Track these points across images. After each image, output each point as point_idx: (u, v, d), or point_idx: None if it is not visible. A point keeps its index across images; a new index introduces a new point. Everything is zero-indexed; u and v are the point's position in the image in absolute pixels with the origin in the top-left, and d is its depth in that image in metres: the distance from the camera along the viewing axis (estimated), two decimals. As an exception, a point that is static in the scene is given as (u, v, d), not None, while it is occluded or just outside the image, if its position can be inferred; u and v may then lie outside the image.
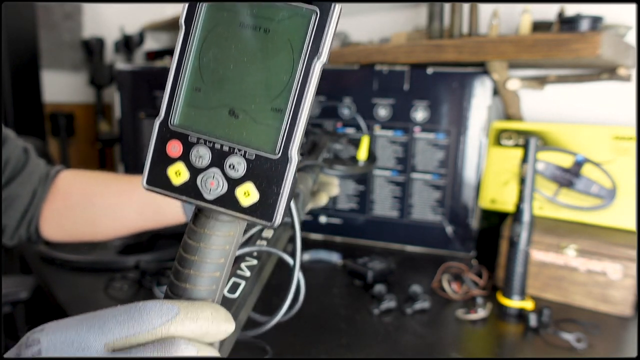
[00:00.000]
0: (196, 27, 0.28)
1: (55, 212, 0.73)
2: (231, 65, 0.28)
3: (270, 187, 0.28)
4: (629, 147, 0.91)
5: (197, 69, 0.29)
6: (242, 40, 0.28)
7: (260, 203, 0.28)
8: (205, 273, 0.30)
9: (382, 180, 1.14)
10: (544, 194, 0.98)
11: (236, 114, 0.28)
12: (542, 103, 1.13)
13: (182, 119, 0.29)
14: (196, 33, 0.28)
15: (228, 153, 0.29)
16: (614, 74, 0.96)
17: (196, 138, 0.29)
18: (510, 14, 1.09)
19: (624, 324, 0.80)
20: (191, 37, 0.29)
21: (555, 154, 0.98)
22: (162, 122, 0.29)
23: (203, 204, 0.29)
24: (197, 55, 0.29)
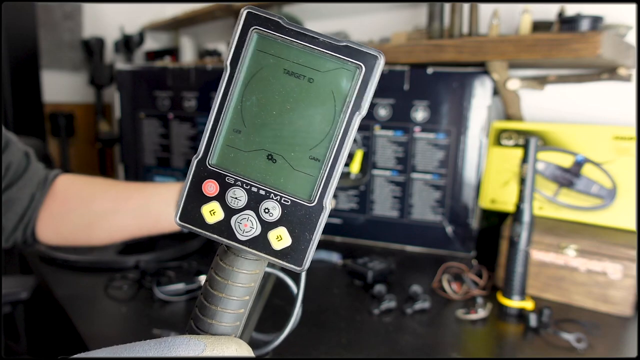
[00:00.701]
0: (241, 70, 0.29)
1: (51, 215, 0.73)
2: (273, 111, 0.29)
3: (303, 233, 0.29)
4: (629, 147, 0.91)
5: (239, 111, 0.29)
6: (285, 87, 0.28)
7: (292, 248, 0.29)
8: (230, 309, 0.30)
9: (382, 180, 1.14)
10: (544, 194, 0.98)
11: (274, 159, 0.29)
12: (542, 103, 1.13)
13: (221, 159, 0.29)
14: (241, 75, 0.29)
15: (264, 197, 0.29)
16: (614, 74, 0.96)
17: (233, 179, 0.29)
18: (510, 13, 1.09)
19: (624, 324, 0.80)
20: (235, 79, 0.29)
21: (555, 154, 0.98)
22: (200, 161, 0.30)
23: (235, 245, 0.30)
24: (240, 97, 0.29)
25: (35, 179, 0.72)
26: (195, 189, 0.30)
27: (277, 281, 0.49)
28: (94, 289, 0.88)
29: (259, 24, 0.28)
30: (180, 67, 1.32)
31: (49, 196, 0.73)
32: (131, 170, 1.40)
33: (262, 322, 0.77)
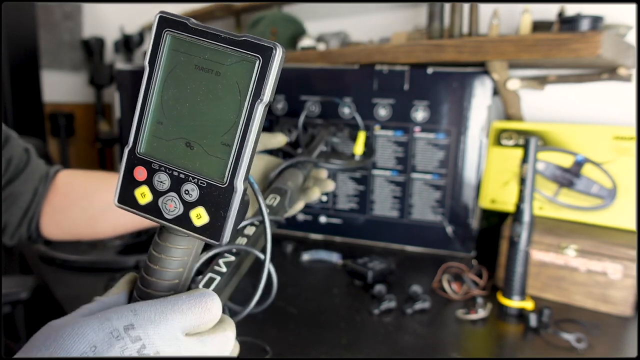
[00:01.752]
0: (159, 68, 0.33)
1: (55, 210, 0.73)
2: (187, 103, 0.32)
3: (219, 211, 0.33)
4: (629, 147, 0.91)
5: (159, 105, 0.33)
6: (197, 81, 0.32)
7: (210, 225, 0.33)
8: (166, 279, 0.35)
9: (382, 180, 1.14)
10: (544, 194, 0.98)
11: (192, 146, 0.33)
12: (542, 103, 1.12)
13: (147, 147, 0.34)
14: (159, 73, 0.33)
15: (184, 180, 0.33)
16: (614, 74, 0.96)
17: (158, 165, 0.33)
18: (510, 13, 1.09)
19: (624, 324, 0.80)
20: (154, 77, 0.33)
21: (555, 154, 0.98)
22: (131, 150, 0.34)
23: (163, 223, 0.34)
24: (160, 92, 0.33)
25: (37, 174, 0.73)
26: (128, 175, 0.34)
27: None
28: (94, 289, 0.88)
29: (170, 26, 0.32)
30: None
31: (51, 191, 0.74)
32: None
33: (263, 323, 0.77)
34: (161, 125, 0.33)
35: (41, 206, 0.73)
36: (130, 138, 0.34)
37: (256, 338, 0.71)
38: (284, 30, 1.48)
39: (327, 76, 1.16)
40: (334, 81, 1.15)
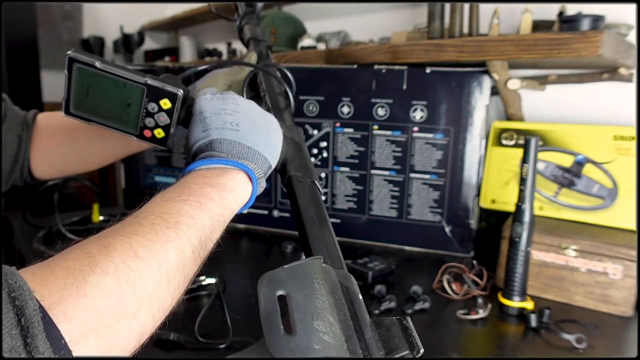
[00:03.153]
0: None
1: (43, 152, 0.76)
2: (93, 92, 0.55)
3: (159, 93, 0.55)
4: (629, 147, 0.90)
5: (83, 97, 0.56)
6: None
7: (169, 106, 0.55)
8: None
9: (381, 179, 1.14)
10: (545, 194, 0.98)
11: (130, 105, 0.55)
12: (542, 103, 1.12)
13: (130, 125, 0.57)
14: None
15: (147, 109, 0.55)
16: (615, 74, 0.95)
17: (141, 122, 0.56)
18: (510, 13, 1.09)
19: (624, 324, 0.79)
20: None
21: (555, 154, 0.98)
22: (134, 135, 0.57)
23: (175, 126, 0.57)
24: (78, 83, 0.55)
25: (17, 121, 0.76)
26: (148, 139, 0.57)
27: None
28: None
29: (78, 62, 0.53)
30: (181, 67, 1.32)
31: (35, 135, 0.77)
32: (132, 169, 1.40)
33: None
34: (119, 121, 0.57)
35: (29, 151, 0.75)
36: (129, 135, 0.56)
37: (256, 338, 0.70)
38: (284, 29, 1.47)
39: (326, 76, 1.16)
40: (333, 81, 1.15)
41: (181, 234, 0.41)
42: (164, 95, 0.54)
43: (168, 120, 0.55)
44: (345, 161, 1.16)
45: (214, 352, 0.68)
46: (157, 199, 0.45)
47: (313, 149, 1.18)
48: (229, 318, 0.75)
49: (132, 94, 0.54)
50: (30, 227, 1.20)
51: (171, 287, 0.39)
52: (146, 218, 0.41)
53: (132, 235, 0.38)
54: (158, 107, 0.55)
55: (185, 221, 0.42)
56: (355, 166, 1.15)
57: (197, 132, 0.52)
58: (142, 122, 0.55)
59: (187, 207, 0.43)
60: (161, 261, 0.38)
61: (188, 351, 0.68)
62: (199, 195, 0.45)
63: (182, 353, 0.68)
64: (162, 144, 0.57)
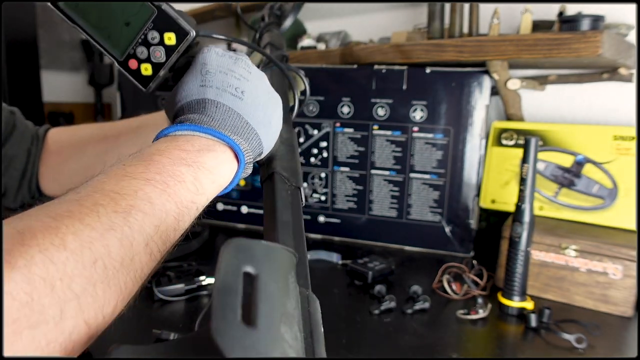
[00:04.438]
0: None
1: (50, 168, 0.75)
2: (95, 7, 0.48)
3: (170, 23, 0.48)
4: (629, 147, 0.90)
5: (91, 27, 0.48)
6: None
7: (178, 33, 0.49)
8: None
9: (381, 179, 1.14)
10: (545, 194, 0.98)
11: (127, 23, 0.48)
12: (542, 103, 1.12)
13: (120, 50, 0.49)
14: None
15: (145, 38, 0.48)
16: (615, 74, 0.96)
17: (132, 49, 0.49)
18: (510, 13, 1.09)
19: (624, 325, 0.79)
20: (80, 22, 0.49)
21: (555, 154, 0.98)
22: (118, 62, 0.49)
23: (169, 62, 0.50)
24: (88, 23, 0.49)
25: (27, 135, 0.74)
26: (132, 73, 0.50)
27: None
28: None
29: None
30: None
31: (44, 150, 0.76)
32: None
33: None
34: (106, 32, 0.48)
35: (37, 166, 0.75)
36: (111, 58, 0.48)
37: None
38: (284, 30, 1.47)
39: (326, 76, 1.16)
40: (333, 81, 1.15)
41: (132, 222, 0.32)
42: (173, 28, 0.47)
43: (164, 58, 0.49)
44: (345, 161, 1.16)
45: (214, 352, 0.68)
46: (114, 170, 0.36)
47: (313, 149, 1.18)
48: (229, 318, 0.74)
49: (136, 13, 0.47)
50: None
51: (113, 287, 0.30)
52: (90, 195, 0.33)
53: (64, 218, 0.30)
54: (160, 39, 0.48)
55: (142, 206, 0.34)
56: (355, 166, 1.15)
57: (191, 85, 0.45)
58: (133, 49, 0.48)
59: (148, 189, 0.35)
60: (97, 254, 0.30)
61: (188, 351, 0.68)
62: (168, 174, 0.37)
63: (182, 353, 0.67)
64: (143, 83, 0.50)
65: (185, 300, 0.84)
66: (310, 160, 1.19)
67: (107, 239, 0.30)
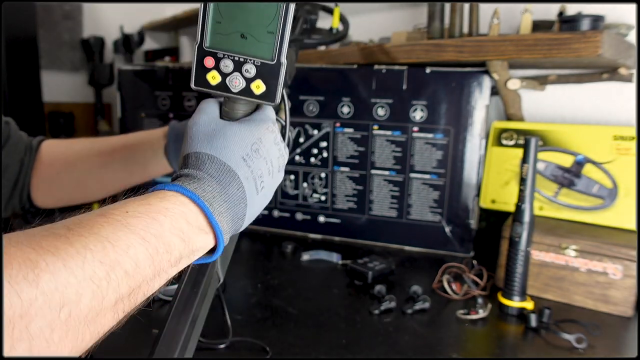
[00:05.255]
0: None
1: (42, 180, 0.75)
2: (238, 5, 0.43)
3: (272, 81, 0.45)
4: (629, 147, 0.90)
5: (217, 9, 0.44)
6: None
7: (267, 92, 0.46)
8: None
9: (381, 179, 1.14)
10: (544, 194, 0.98)
11: (245, 37, 0.44)
12: (542, 103, 1.12)
13: (212, 41, 0.45)
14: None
15: (244, 62, 0.45)
16: (615, 74, 0.95)
17: (222, 54, 0.45)
18: (510, 13, 1.09)
19: (624, 325, 0.79)
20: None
21: (555, 154, 0.98)
22: (199, 46, 0.45)
23: (232, 95, 0.46)
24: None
25: (21, 145, 0.74)
26: (199, 64, 0.45)
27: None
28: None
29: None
30: (181, 67, 1.32)
31: (37, 161, 0.75)
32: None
33: (263, 323, 0.77)
34: (220, 24, 0.44)
35: (30, 177, 0.74)
36: (198, 36, 0.44)
37: (256, 338, 0.70)
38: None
39: (326, 76, 1.16)
40: (333, 81, 1.15)
41: (112, 278, 0.32)
42: (269, 84, 0.46)
43: (236, 89, 0.46)
44: (345, 161, 1.16)
45: (214, 352, 0.68)
46: (117, 213, 0.35)
47: (313, 149, 1.18)
48: (229, 318, 0.75)
49: (260, 43, 0.45)
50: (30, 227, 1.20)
51: (70, 336, 0.29)
52: (83, 237, 0.31)
53: (47, 253, 0.29)
54: (251, 77, 0.46)
55: (127, 265, 0.33)
56: (355, 166, 1.15)
57: (235, 148, 0.43)
58: (224, 55, 0.45)
59: (140, 250, 0.34)
60: (67, 300, 0.29)
61: (188, 351, 0.68)
62: (163, 242, 0.36)
63: (182, 353, 0.67)
64: (198, 82, 0.47)
65: (185, 300, 0.84)
66: (310, 160, 1.19)
67: (82, 288, 0.29)
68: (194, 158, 0.43)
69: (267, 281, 0.93)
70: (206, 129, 0.45)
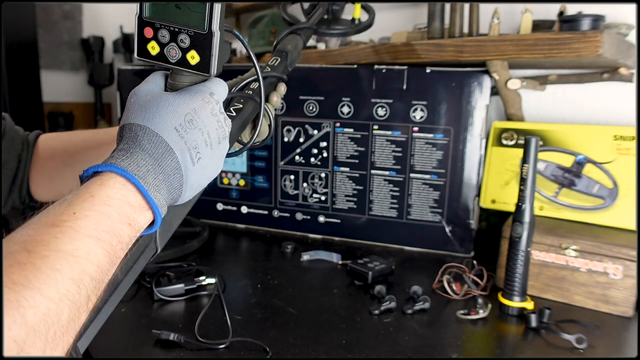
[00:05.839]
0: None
1: (41, 174, 0.74)
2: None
3: (205, 52, 0.45)
4: (629, 147, 0.90)
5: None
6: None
7: (202, 63, 0.45)
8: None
9: (381, 179, 1.14)
10: (545, 194, 0.98)
11: (179, 6, 0.44)
12: (542, 103, 1.12)
13: (149, 12, 0.45)
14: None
15: (178, 32, 0.45)
16: (615, 74, 0.95)
17: (159, 24, 0.45)
18: (511, 13, 1.09)
19: (625, 325, 0.79)
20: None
21: (555, 154, 0.98)
22: (139, 16, 0.45)
23: (170, 66, 0.46)
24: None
25: (17, 140, 0.73)
26: (140, 35, 0.45)
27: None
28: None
29: None
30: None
31: (35, 156, 0.74)
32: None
33: (263, 323, 0.77)
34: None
35: (28, 172, 0.74)
36: (137, 7, 0.45)
37: (256, 338, 0.70)
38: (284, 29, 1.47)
39: (326, 76, 1.15)
40: (333, 81, 1.15)
41: (82, 289, 0.34)
42: (203, 55, 0.45)
43: (173, 60, 0.46)
44: (345, 161, 1.16)
45: (213, 352, 0.68)
46: (66, 219, 0.36)
47: (313, 149, 1.18)
48: (229, 318, 0.74)
49: (194, 11, 0.45)
50: None
51: (59, 347, 0.33)
52: (46, 257, 0.33)
53: (23, 288, 0.31)
54: (186, 47, 0.46)
55: (92, 271, 0.36)
56: (355, 166, 1.15)
57: (170, 118, 0.43)
58: (161, 25, 0.46)
59: (98, 251, 0.37)
60: (51, 323, 0.32)
61: (188, 351, 0.68)
62: (114, 233, 0.38)
63: (182, 353, 0.67)
64: (140, 52, 0.47)
65: (185, 300, 0.84)
66: (310, 160, 1.19)
67: (60, 308, 0.32)
68: (127, 130, 0.43)
69: (267, 281, 0.93)
70: (142, 99, 0.45)
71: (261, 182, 1.24)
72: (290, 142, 1.19)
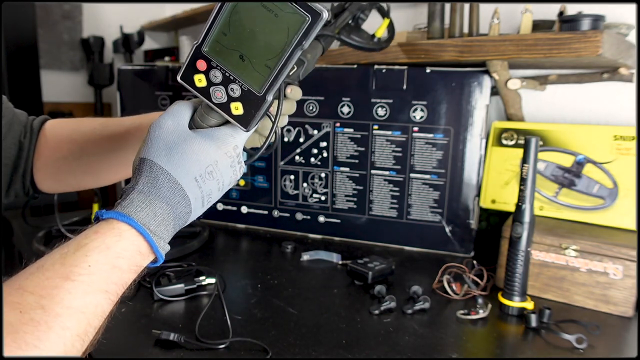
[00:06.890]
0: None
1: (48, 164, 0.69)
2: (248, 28, 0.44)
3: (251, 110, 0.46)
4: (629, 147, 0.90)
5: (227, 21, 0.44)
6: (259, 15, 0.43)
7: (243, 116, 0.46)
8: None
9: (381, 179, 1.14)
10: (545, 194, 0.98)
11: (244, 59, 0.45)
12: (542, 103, 1.12)
13: (211, 48, 0.45)
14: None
15: (232, 81, 0.45)
16: (615, 74, 0.95)
17: (216, 64, 0.46)
18: (511, 13, 1.09)
19: (625, 325, 0.79)
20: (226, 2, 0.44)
21: (555, 154, 0.98)
22: (198, 45, 0.45)
23: (209, 104, 0.46)
24: (230, 12, 0.44)
25: (17, 126, 0.67)
26: (192, 63, 0.46)
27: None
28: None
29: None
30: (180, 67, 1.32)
31: (40, 144, 0.69)
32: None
33: (263, 323, 0.77)
34: (225, 36, 0.44)
35: (32, 160, 0.68)
36: (200, 37, 0.45)
37: (256, 338, 0.70)
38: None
39: (326, 76, 1.16)
40: (333, 81, 1.15)
41: (85, 340, 0.38)
42: (250, 108, 0.46)
43: (219, 100, 0.47)
44: (345, 161, 1.16)
45: (214, 352, 0.68)
46: (81, 273, 0.39)
47: (313, 149, 1.18)
48: (229, 318, 0.74)
49: (255, 72, 0.46)
50: (30, 227, 1.20)
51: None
52: (59, 315, 0.36)
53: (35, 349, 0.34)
54: (238, 93, 0.46)
55: (96, 323, 0.39)
56: (355, 166, 1.15)
57: (193, 168, 0.45)
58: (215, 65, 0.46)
59: (105, 304, 0.40)
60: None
61: (188, 351, 0.68)
62: (122, 284, 0.41)
63: (182, 353, 0.68)
64: (192, 86, 0.48)
65: (185, 300, 0.84)
66: (310, 160, 1.19)
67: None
68: (148, 167, 0.44)
69: (267, 281, 0.93)
70: (168, 137, 0.45)
71: (261, 182, 1.24)
72: (290, 142, 1.19)
